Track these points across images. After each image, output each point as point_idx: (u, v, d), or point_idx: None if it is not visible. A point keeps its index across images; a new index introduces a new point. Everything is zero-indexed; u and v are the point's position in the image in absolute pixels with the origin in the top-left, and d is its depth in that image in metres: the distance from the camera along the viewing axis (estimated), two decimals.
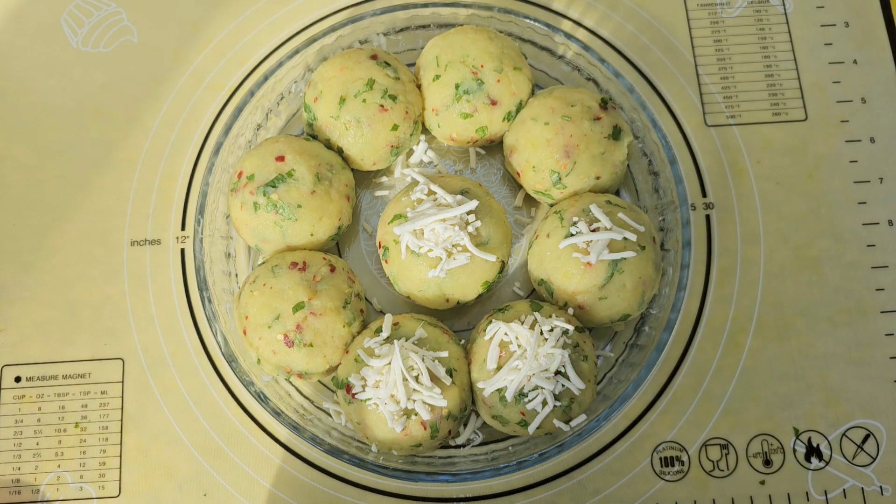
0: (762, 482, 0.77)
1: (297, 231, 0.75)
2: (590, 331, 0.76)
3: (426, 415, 0.68)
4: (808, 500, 0.77)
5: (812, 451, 0.78)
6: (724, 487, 0.77)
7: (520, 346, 0.70)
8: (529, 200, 0.83)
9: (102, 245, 0.83)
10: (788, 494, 0.77)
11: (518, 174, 0.79)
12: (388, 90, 0.76)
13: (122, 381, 0.80)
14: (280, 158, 0.75)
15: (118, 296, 0.82)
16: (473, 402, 0.73)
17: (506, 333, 0.70)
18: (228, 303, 0.77)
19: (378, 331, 0.72)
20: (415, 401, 0.68)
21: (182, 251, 0.83)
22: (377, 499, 0.77)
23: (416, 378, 0.68)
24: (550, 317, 0.71)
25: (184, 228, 0.84)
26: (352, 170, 0.80)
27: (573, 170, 0.75)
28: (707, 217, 0.84)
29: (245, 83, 0.88)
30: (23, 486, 0.77)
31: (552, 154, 0.75)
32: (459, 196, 0.73)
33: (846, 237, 0.84)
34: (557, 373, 0.69)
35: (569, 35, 0.81)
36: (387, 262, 0.76)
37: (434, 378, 0.69)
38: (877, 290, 0.82)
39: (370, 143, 0.77)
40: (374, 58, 0.78)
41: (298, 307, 0.71)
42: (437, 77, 0.78)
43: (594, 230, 0.72)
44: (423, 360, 0.69)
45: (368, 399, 0.69)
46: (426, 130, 0.82)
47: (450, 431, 0.71)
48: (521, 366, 0.68)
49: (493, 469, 0.72)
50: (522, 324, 0.71)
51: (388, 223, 0.74)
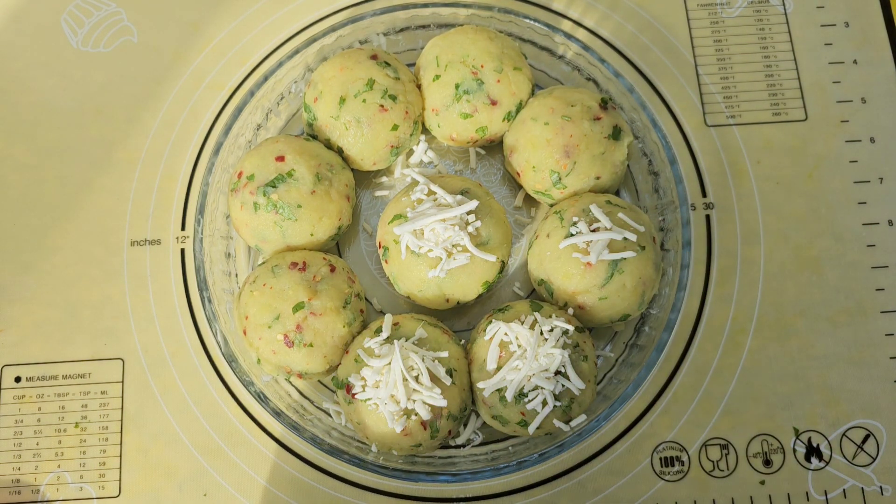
0: (762, 482, 0.77)
1: (297, 231, 0.75)
2: (590, 331, 0.76)
3: (426, 415, 0.68)
4: (808, 500, 0.77)
5: (812, 451, 0.78)
6: (724, 487, 0.77)
7: (520, 347, 0.70)
8: (529, 200, 0.83)
9: (102, 245, 0.83)
10: (788, 494, 0.77)
11: (518, 174, 0.79)
12: (388, 90, 0.76)
13: (122, 381, 0.80)
14: (280, 158, 0.75)
15: (118, 296, 0.82)
16: (473, 402, 0.73)
17: (506, 333, 0.70)
18: (228, 303, 0.77)
19: (378, 331, 0.72)
20: (415, 401, 0.68)
21: (182, 251, 0.83)
22: (377, 499, 0.77)
23: (416, 378, 0.68)
24: (550, 317, 0.71)
25: (184, 228, 0.84)
26: (352, 170, 0.80)
27: (573, 170, 0.75)
28: (707, 217, 0.84)
29: (245, 83, 0.88)
30: (23, 486, 0.77)
31: (552, 154, 0.75)
32: (459, 196, 0.73)
33: (846, 237, 0.84)
34: (557, 373, 0.69)
35: (569, 35, 0.81)
36: (387, 262, 0.76)
37: (434, 378, 0.69)
38: (877, 290, 0.82)
39: (370, 143, 0.77)
40: (374, 58, 0.78)
41: (298, 307, 0.71)
42: (437, 77, 0.78)
43: (594, 230, 0.72)
44: (423, 360, 0.69)
45: (368, 399, 0.69)
46: (426, 130, 0.82)
47: (450, 431, 0.71)
48: (521, 366, 0.68)
49: (493, 469, 0.72)
50: (522, 324, 0.71)
51: (388, 223, 0.74)
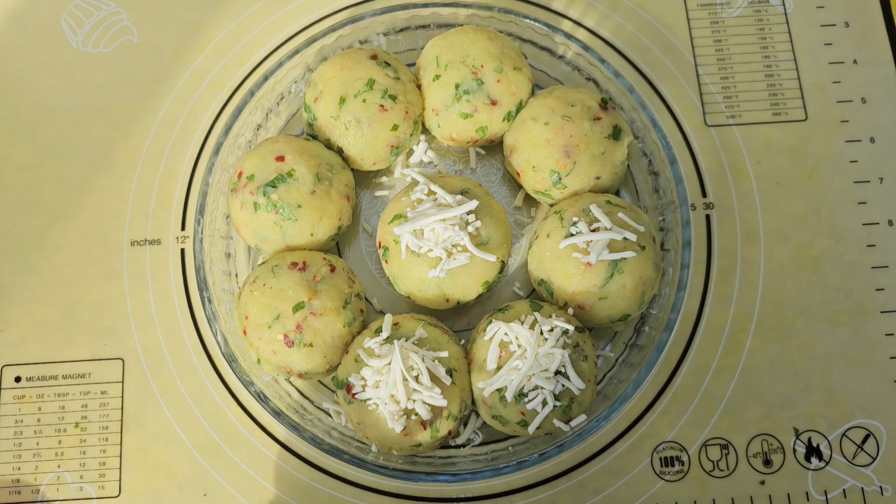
0: (762, 482, 0.77)
1: (297, 231, 0.75)
2: (590, 331, 0.76)
3: (426, 415, 0.68)
4: (808, 500, 0.77)
5: (812, 451, 0.78)
6: (724, 487, 0.77)
7: (520, 346, 0.70)
8: (529, 200, 0.83)
9: (102, 245, 0.83)
10: (788, 494, 0.77)
11: (518, 174, 0.79)
12: (388, 90, 0.76)
13: (122, 381, 0.80)
14: (280, 158, 0.75)
15: (118, 296, 0.82)
16: (473, 402, 0.73)
17: (506, 333, 0.70)
18: (228, 303, 0.77)
19: (378, 331, 0.72)
20: (415, 401, 0.68)
21: (182, 251, 0.83)
22: (377, 499, 0.77)
23: (416, 378, 0.68)
24: (550, 317, 0.71)
25: (184, 228, 0.84)
26: (352, 170, 0.80)
27: (573, 170, 0.75)
28: (707, 217, 0.84)
29: (245, 83, 0.88)
30: (23, 486, 0.77)
31: (552, 154, 0.75)
32: (459, 196, 0.73)
33: (846, 237, 0.84)
34: (557, 373, 0.69)
35: (569, 35, 0.81)
36: (387, 262, 0.76)
37: (434, 378, 0.69)
38: (877, 290, 0.82)
39: (370, 143, 0.77)
40: (374, 58, 0.78)
41: (298, 307, 0.71)
42: (437, 77, 0.78)
43: (594, 230, 0.72)
44: (423, 360, 0.69)
45: (368, 399, 0.69)
46: (426, 130, 0.82)
47: (450, 431, 0.71)
48: (521, 366, 0.68)
49: (493, 469, 0.72)
50: (522, 324, 0.71)
51: (388, 223, 0.74)
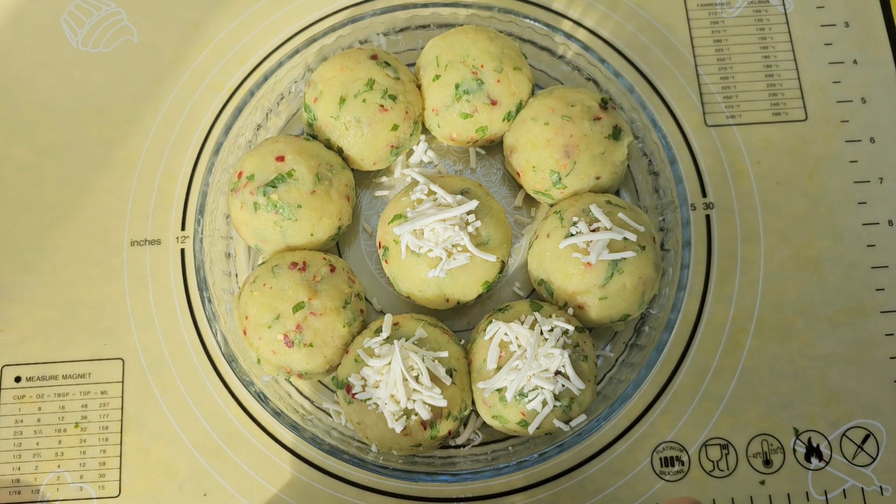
0: (762, 482, 0.77)
1: (297, 231, 0.75)
2: (590, 331, 0.76)
3: (426, 415, 0.68)
4: (808, 500, 0.77)
5: (812, 451, 0.78)
6: (724, 487, 0.77)
7: (520, 346, 0.70)
8: (529, 200, 0.83)
9: (102, 245, 0.83)
10: (788, 494, 0.77)
11: (518, 174, 0.79)
12: (388, 90, 0.76)
13: (122, 381, 0.80)
14: (280, 158, 0.75)
15: (118, 296, 0.82)
16: (473, 402, 0.73)
17: (506, 333, 0.70)
18: (228, 303, 0.77)
19: (378, 331, 0.72)
20: (415, 401, 0.68)
21: (182, 251, 0.83)
22: (377, 499, 0.77)
23: (416, 378, 0.68)
24: (550, 317, 0.71)
25: (184, 228, 0.84)
26: (352, 170, 0.80)
27: (573, 170, 0.75)
28: (707, 217, 0.84)
29: (245, 83, 0.88)
30: (23, 486, 0.77)
31: (552, 154, 0.75)
32: (459, 196, 0.73)
33: (846, 237, 0.84)
34: (557, 373, 0.69)
35: (569, 35, 0.81)
36: (387, 262, 0.76)
37: (434, 378, 0.69)
38: (877, 290, 0.82)
39: (370, 143, 0.77)
40: (374, 58, 0.78)
41: (298, 307, 0.71)
42: (437, 77, 0.78)
43: (594, 230, 0.72)
44: (423, 360, 0.69)
45: (368, 399, 0.69)
46: (426, 130, 0.82)
47: (450, 431, 0.71)
48: (521, 366, 0.68)
49: (493, 469, 0.72)
50: (522, 324, 0.71)
51: (388, 223, 0.74)
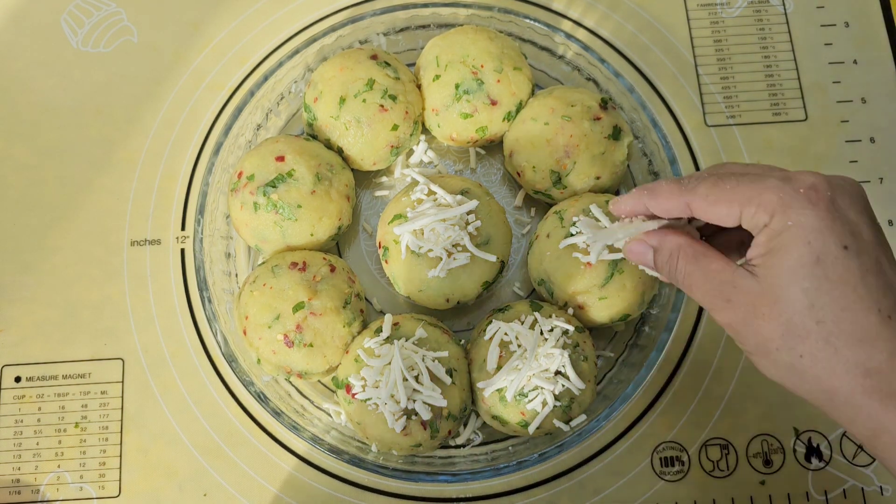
0: (762, 482, 0.77)
1: (297, 231, 0.75)
2: (590, 331, 0.76)
3: (426, 415, 0.68)
4: (808, 500, 0.77)
5: (812, 451, 0.78)
6: (724, 487, 0.77)
7: (520, 347, 0.70)
8: (529, 200, 0.83)
9: (102, 245, 0.83)
10: (788, 494, 0.77)
11: (518, 174, 0.79)
12: (388, 90, 0.76)
13: (122, 381, 0.80)
14: (280, 158, 0.75)
15: (118, 296, 0.82)
16: (473, 402, 0.73)
17: (506, 333, 0.70)
18: (228, 303, 0.77)
19: (378, 331, 0.72)
20: (415, 401, 0.68)
21: (182, 251, 0.83)
22: (377, 499, 0.77)
23: (416, 378, 0.68)
24: (550, 317, 0.71)
25: (184, 228, 0.84)
26: (352, 170, 0.80)
27: (573, 170, 0.75)
28: None
29: (245, 83, 0.88)
30: (23, 486, 0.77)
31: (552, 154, 0.75)
32: (459, 196, 0.73)
33: None
34: (557, 373, 0.69)
35: (569, 35, 0.81)
36: (387, 263, 0.76)
37: (434, 378, 0.69)
38: None
39: (370, 143, 0.77)
40: (374, 58, 0.78)
41: (298, 307, 0.71)
42: (437, 77, 0.78)
43: None
44: (423, 360, 0.69)
45: (368, 399, 0.69)
46: (426, 130, 0.82)
47: (450, 431, 0.71)
48: (521, 366, 0.68)
49: (493, 469, 0.72)
50: (522, 324, 0.71)
51: (388, 223, 0.74)
